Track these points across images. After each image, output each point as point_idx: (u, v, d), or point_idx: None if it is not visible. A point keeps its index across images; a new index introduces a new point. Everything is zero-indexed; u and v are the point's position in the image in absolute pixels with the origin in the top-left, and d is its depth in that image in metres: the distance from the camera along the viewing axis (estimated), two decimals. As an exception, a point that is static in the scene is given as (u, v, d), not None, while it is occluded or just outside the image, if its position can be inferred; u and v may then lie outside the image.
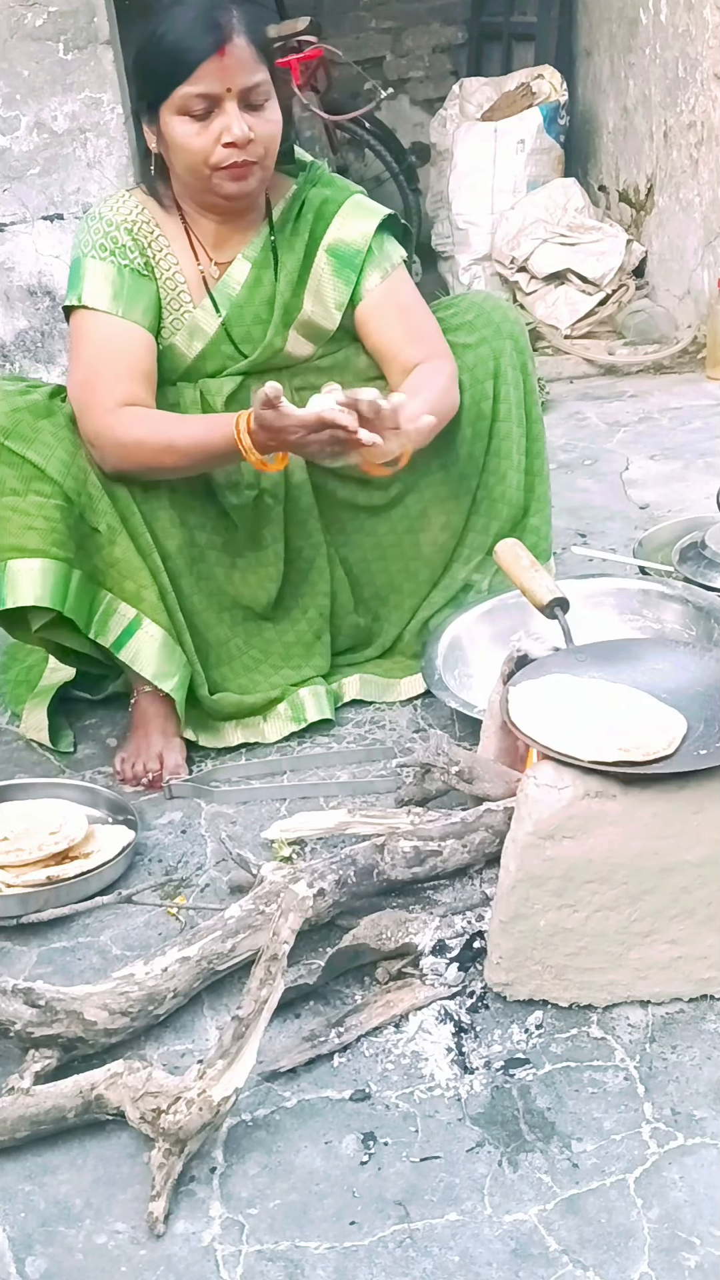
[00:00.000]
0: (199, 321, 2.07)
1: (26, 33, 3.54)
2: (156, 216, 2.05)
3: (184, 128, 1.92)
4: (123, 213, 2.04)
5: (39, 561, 1.92)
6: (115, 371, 1.98)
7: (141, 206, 2.05)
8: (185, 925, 1.70)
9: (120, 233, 2.02)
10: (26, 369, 3.87)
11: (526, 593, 1.82)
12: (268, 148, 1.95)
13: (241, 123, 1.89)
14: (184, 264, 2.06)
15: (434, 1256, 1.21)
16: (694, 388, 3.97)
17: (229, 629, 2.16)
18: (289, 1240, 1.24)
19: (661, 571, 2.35)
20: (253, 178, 1.96)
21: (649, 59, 4.36)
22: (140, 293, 2.02)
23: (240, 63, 1.88)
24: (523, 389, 2.17)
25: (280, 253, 2.08)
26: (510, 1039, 1.45)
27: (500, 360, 2.14)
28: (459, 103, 4.97)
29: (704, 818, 1.42)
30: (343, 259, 2.08)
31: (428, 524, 2.20)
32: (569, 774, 1.43)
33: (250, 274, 2.07)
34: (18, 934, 1.71)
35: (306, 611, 2.21)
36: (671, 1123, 1.33)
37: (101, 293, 2.00)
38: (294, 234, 2.09)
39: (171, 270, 2.05)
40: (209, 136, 1.91)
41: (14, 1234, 1.28)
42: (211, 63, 1.87)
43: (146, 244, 2.04)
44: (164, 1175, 1.28)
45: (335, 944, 1.54)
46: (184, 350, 2.08)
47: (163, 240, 2.05)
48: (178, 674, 2.03)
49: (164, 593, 2.03)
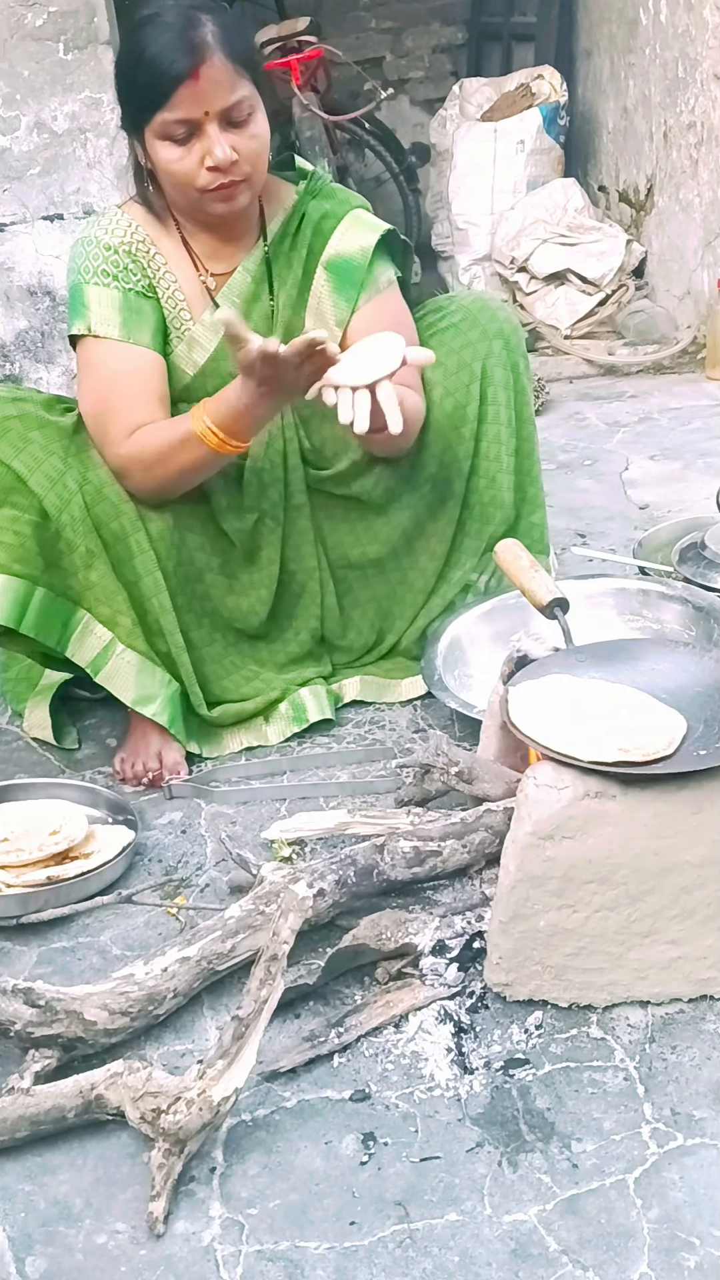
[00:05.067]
0: (198, 337, 2.05)
1: (26, 33, 3.53)
2: (151, 232, 2.03)
3: (167, 152, 1.89)
4: (118, 234, 2.01)
5: (1, 577, 1.90)
6: (131, 399, 1.97)
7: (135, 224, 2.03)
8: (185, 925, 1.70)
9: (120, 255, 1.99)
10: (26, 369, 3.87)
11: (526, 593, 1.82)
12: (254, 164, 1.92)
13: (223, 145, 1.86)
14: (182, 279, 2.04)
15: (434, 1257, 1.21)
16: (694, 388, 3.97)
17: (223, 647, 2.15)
18: (289, 1240, 1.24)
19: (661, 572, 2.35)
20: (241, 196, 1.94)
21: (649, 59, 4.36)
22: (146, 316, 2.01)
23: (216, 84, 1.84)
24: (512, 389, 2.15)
25: (278, 268, 2.06)
26: (510, 1039, 1.45)
27: (487, 362, 2.12)
28: (459, 103, 4.97)
29: (704, 818, 1.42)
30: (341, 275, 2.06)
31: (420, 533, 2.18)
32: (569, 774, 1.43)
33: (249, 288, 2.06)
34: (18, 934, 1.71)
35: (299, 634, 2.20)
36: (671, 1123, 1.33)
37: (110, 320, 1.98)
38: (292, 249, 2.06)
39: (171, 288, 2.04)
40: (192, 160, 1.88)
41: (14, 1234, 1.28)
42: (187, 87, 1.82)
43: (145, 264, 2.02)
44: (164, 1175, 1.28)
45: (335, 944, 1.54)
46: (184, 368, 2.06)
47: (160, 259, 2.03)
48: (159, 696, 2.01)
49: (156, 614, 2.00)
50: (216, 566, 2.12)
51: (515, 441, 2.18)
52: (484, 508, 2.18)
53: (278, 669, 2.19)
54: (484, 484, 2.16)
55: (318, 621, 2.20)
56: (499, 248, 4.56)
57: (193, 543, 2.08)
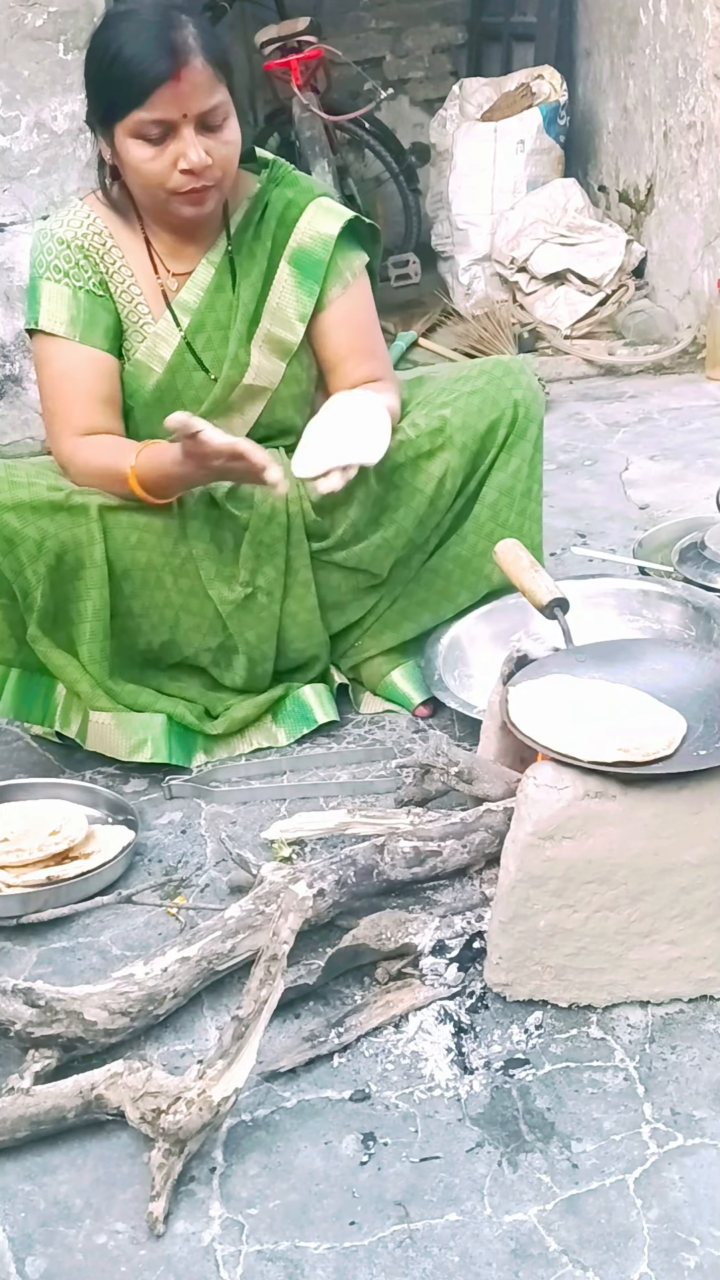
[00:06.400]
0: (161, 334, 2.02)
1: (26, 33, 3.53)
2: (111, 227, 2.01)
3: (139, 151, 1.86)
4: (73, 227, 1.99)
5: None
6: (74, 398, 1.98)
7: (94, 217, 2.00)
8: (185, 925, 1.70)
9: (73, 251, 1.98)
10: (26, 369, 3.86)
11: (526, 593, 1.82)
12: (225, 170, 1.90)
13: (199, 149, 1.84)
14: (140, 277, 2.01)
15: (434, 1257, 1.21)
16: (694, 388, 3.97)
17: (205, 689, 2.15)
18: (289, 1240, 1.24)
19: (661, 572, 2.35)
20: (210, 200, 1.92)
21: (649, 59, 4.36)
22: (97, 315, 1.99)
23: (196, 87, 1.81)
24: (529, 460, 2.09)
25: (242, 260, 2.02)
26: (510, 1039, 1.45)
27: (498, 431, 2.06)
28: (459, 103, 4.97)
29: (703, 818, 1.42)
30: (305, 270, 2.03)
31: (424, 604, 2.16)
32: (569, 774, 1.43)
33: (213, 279, 2.02)
34: (18, 934, 1.71)
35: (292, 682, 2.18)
36: (671, 1123, 1.33)
37: (58, 317, 1.97)
38: (255, 239, 2.03)
39: (127, 283, 2.01)
40: (165, 161, 1.86)
41: (14, 1234, 1.28)
42: (168, 88, 1.79)
43: (99, 259, 1.99)
44: (164, 1175, 1.28)
45: (335, 944, 1.54)
46: (152, 365, 2.03)
47: (116, 253, 2.00)
48: (148, 739, 2.01)
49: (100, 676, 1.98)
50: (209, 656, 2.11)
51: (519, 519, 2.12)
52: (476, 580, 2.14)
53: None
54: (484, 545, 2.09)
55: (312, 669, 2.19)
56: (499, 248, 4.55)
57: (187, 624, 2.07)
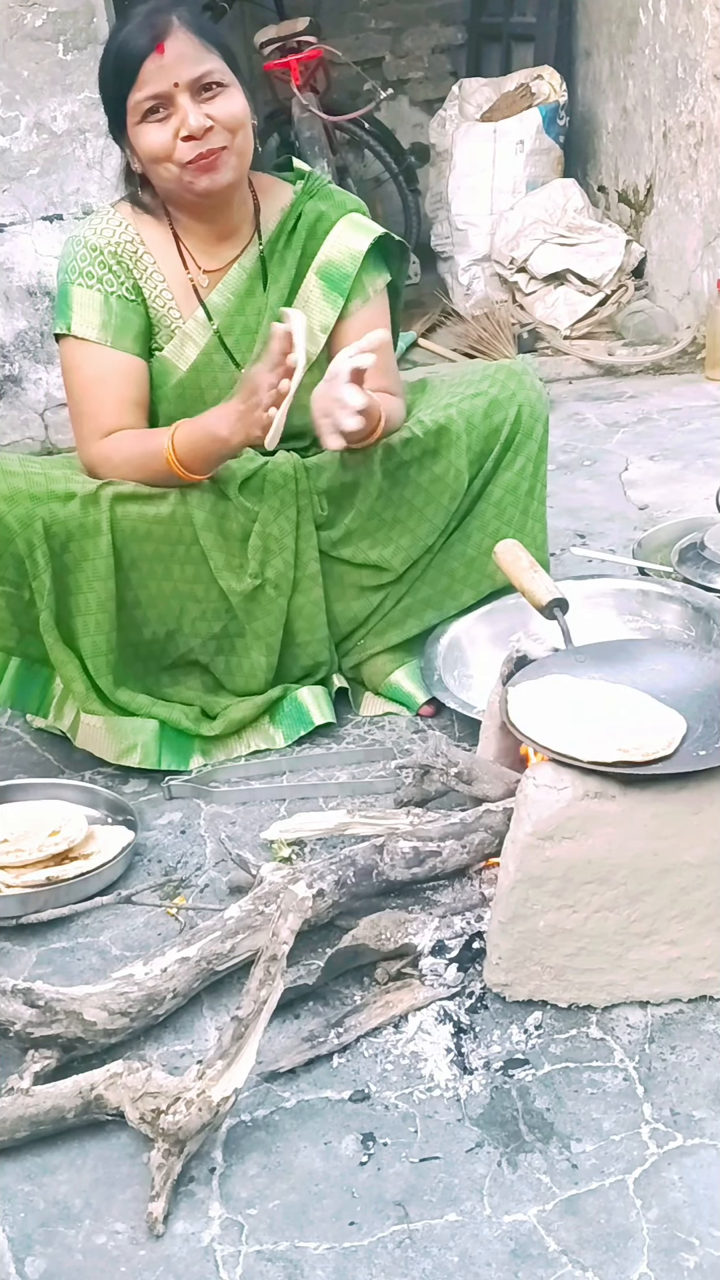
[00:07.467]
0: (190, 334, 2.05)
1: (26, 33, 3.54)
2: (143, 231, 2.04)
3: (146, 136, 1.92)
4: (106, 234, 2.03)
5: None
6: (104, 402, 2.00)
7: (125, 223, 2.04)
8: (185, 925, 1.70)
9: (106, 256, 2.01)
10: (26, 370, 3.87)
11: (526, 593, 1.82)
12: (232, 129, 1.92)
13: (197, 113, 1.88)
14: (171, 279, 2.04)
15: (433, 1257, 1.21)
16: (693, 388, 3.97)
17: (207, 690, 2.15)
18: (288, 1241, 1.24)
19: (661, 572, 2.35)
20: (224, 166, 1.93)
21: (648, 59, 4.36)
22: (129, 320, 2.02)
23: (181, 55, 1.88)
24: (534, 459, 2.10)
25: (273, 267, 2.07)
26: (509, 1040, 1.45)
27: (503, 431, 2.07)
28: (458, 103, 4.97)
29: (703, 818, 1.42)
30: (331, 282, 2.07)
31: (429, 601, 2.16)
32: (568, 774, 1.43)
33: (245, 284, 2.06)
34: (18, 934, 1.71)
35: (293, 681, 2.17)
36: (671, 1123, 1.33)
37: (90, 322, 2.00)
38: (287, 248, 2.07)
39: (159, 289, 2.04)
40: (168, 134, 1.90)
41: (14, 1234, 1.28)
42: (152, 62, 1.87)
43: (132, 265, 2.02)
44: (163, 1175, 1.28)
45: (335, 944, 1.54)
46: (175, 362, 2.06)
47: (148, 259, 2.03)
48: (138, 743, 2.01)
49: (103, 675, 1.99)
50: (212, 649, 2.11)
51: (522, 518, 2.13)
52: (480, 578, 2.14)
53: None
54: (489, 544, 2.07)
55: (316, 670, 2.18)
56: (498, 248, 4.55)
57: (194, 613, 2.07)
